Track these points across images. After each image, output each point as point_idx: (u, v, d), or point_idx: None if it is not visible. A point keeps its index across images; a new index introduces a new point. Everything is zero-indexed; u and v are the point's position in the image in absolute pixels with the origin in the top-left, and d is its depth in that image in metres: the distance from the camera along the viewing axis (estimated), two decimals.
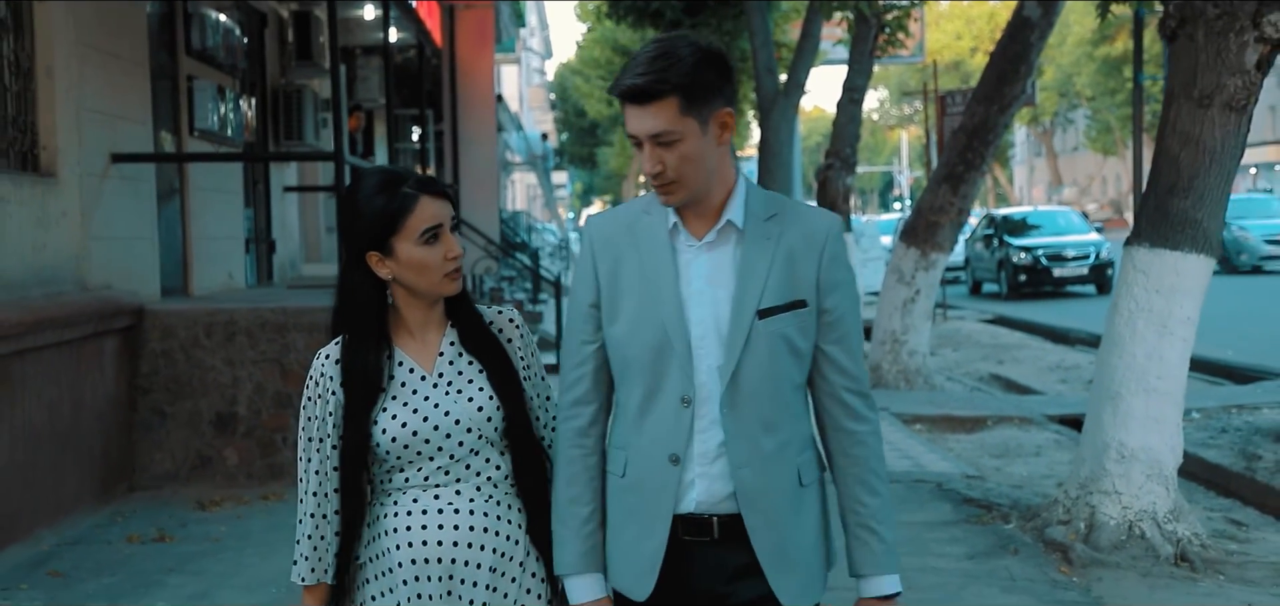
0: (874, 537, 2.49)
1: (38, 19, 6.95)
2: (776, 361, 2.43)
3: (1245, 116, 6.34)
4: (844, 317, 2.49)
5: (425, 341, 2.54)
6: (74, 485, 6.88)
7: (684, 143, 2.36)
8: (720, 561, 2.46)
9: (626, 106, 2.38)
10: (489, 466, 2.52)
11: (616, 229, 2.52)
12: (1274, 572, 5.96)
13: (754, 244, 2.44)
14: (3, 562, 5.97)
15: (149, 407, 7.75)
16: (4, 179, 6.45)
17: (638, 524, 2.48)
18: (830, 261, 2.47)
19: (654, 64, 2.34)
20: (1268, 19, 6.16)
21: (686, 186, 2.40)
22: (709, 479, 2.44)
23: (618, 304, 2.48)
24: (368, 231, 2.45)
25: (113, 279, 7.70)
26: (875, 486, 2.50)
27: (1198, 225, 6.35)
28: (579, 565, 2.50)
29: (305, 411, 2.54)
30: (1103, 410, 6.42)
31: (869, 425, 2.52)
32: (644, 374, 2.45)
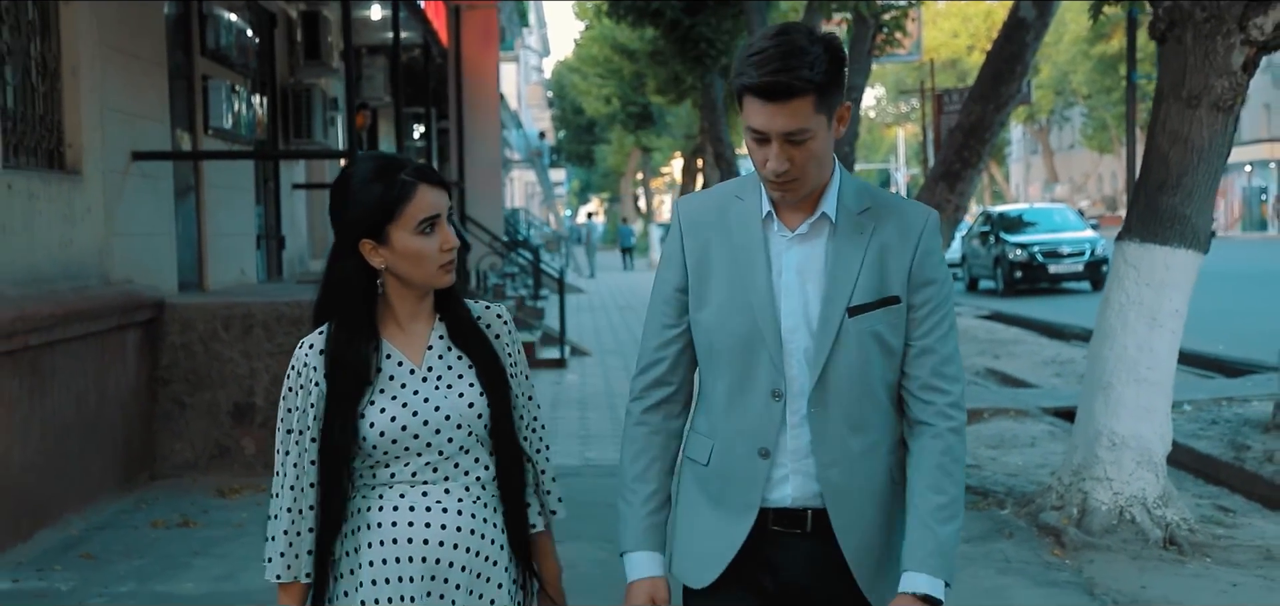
0: (928, 533, 2.36)
1: (63, 21, 7.16)
2: (867, 359, 2.38)
3: (1232, 116, 6.57)
4: (936, 311, 2.41)
5: (414, 333, 2.46)
6: (99, 473, 7.10)
7: (814, 140, 2.29)
8: (810, 555, 2.41)
9: (753, 101, 2.28)
10: (478, 466, 2.45)
11: (707, 212, 2.46)
12: (1259, 556, 6.19)
13: (846, 238, 2.38)
14: (36, 546, 6.19)
15: (169, 398, 7.98)
16: (34, 176, 6.67)
17: (722, 512, 2.44)
18: (924, 256, 2.40)
19: (789, 60, 2.24)
20: (1253, 22, 6.39)
21: (807, 183, 2.34)
22: (802, 475, 2.40)
23: (706, 288, 2.43)
24: (363, 219, 2.35)
25: (134, 273, 7.92)
26: (945, 486, 2.39)
27: (1187, 221, 6.58)
28: (640, 542, 2.46)
29: (285, 401, 2.44)
30: (1094, 400, 6.65)
31: (950, 421, 2.41)
32: (732, 363, 2.41)
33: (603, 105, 39.75)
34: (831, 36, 2.32)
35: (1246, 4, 6.40)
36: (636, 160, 51.89)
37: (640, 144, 43.83)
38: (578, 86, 43.42)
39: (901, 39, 16.32)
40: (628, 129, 41.17)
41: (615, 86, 36.29)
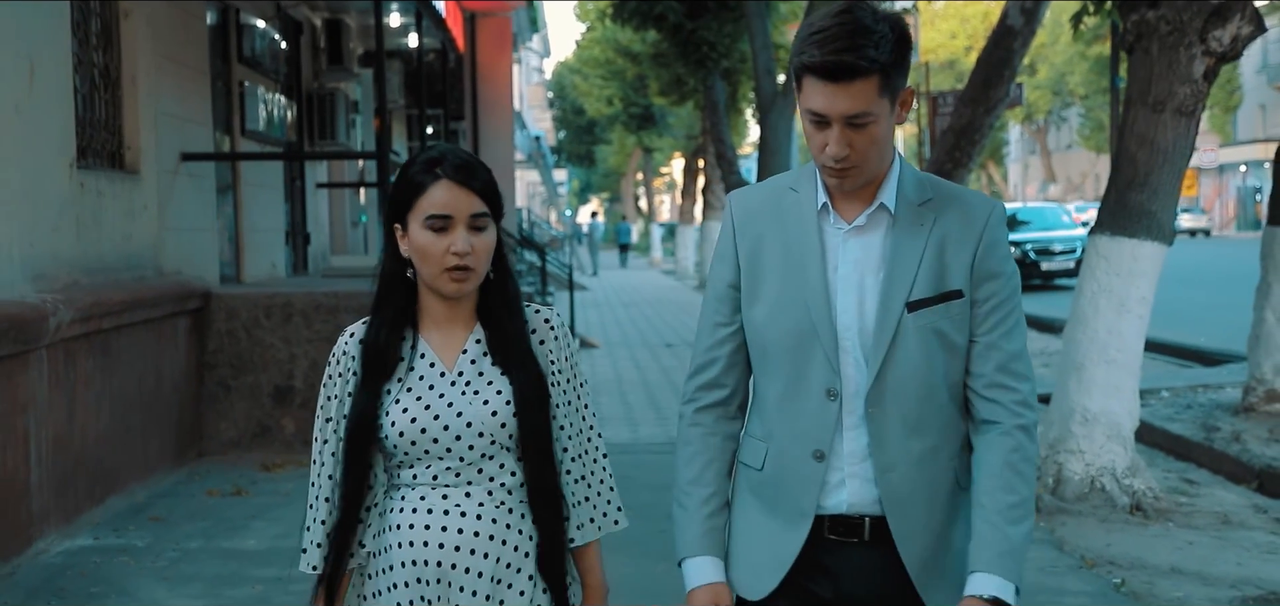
0: (996, 534, 2.23)
1: (124, 33, 7.79)
2: (929, 357, 2.26)
3: (1194, 120, 7.21)
4: (1002, 306, 2.29)
5: (449, 335, 2.39)
6: (157, 448, 7.73)
7: (877, 124, 2.19)
8: (869, 563, 2.30)
9: (815, 82, 2.18)
10: (502, 472, 2.36)
11: (761, 204, 2.37)
12: (1216, 519, 6.83)
13: (906, 230, 2.28)
14: (108, 510, 6.83)
15: (215, 381, 8.61)
16: (101, 176, 7.30)
17: (777, 519, 2.33)
18: (988, 248, 2.28)
19: (855, 39, 2.14)
20: (1212, 35, 7.03)
21: (866, 170, 2.24)
22: (860, 479, 2.29)
23: (759, 285, 2.33)
24: (394, 203, 2.35)
25: (182, 266, 8.55)
26: (1016, 485, 2.26)
27: (1153, 216, 7.22)
28: (699, 547, 2.35)
29: (325, 389, 2.42)
30: (1068, 379, 7.30)
31: (1020, 419, 2.29)
32: (786, 362, 2.31)
33: (604, 106, 40.12)
34: (898, 16, 2.22)
35: (1207, 18, 7.04)
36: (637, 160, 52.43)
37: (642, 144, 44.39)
38: (579, 87, 43.87)
39: None
40: (629, 129, 41.62)
41: (617, 88, 36.78)
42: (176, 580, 5.65)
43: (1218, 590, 5.55)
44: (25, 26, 6.27)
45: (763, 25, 16.24)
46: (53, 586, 5.54)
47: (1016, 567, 2.23)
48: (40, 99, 6.40)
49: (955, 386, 2.31)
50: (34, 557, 5.91)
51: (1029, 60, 56.22)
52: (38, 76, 6.37)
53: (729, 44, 20.71)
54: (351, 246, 15.07)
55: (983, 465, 2.28)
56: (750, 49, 16.59)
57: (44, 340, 6.03)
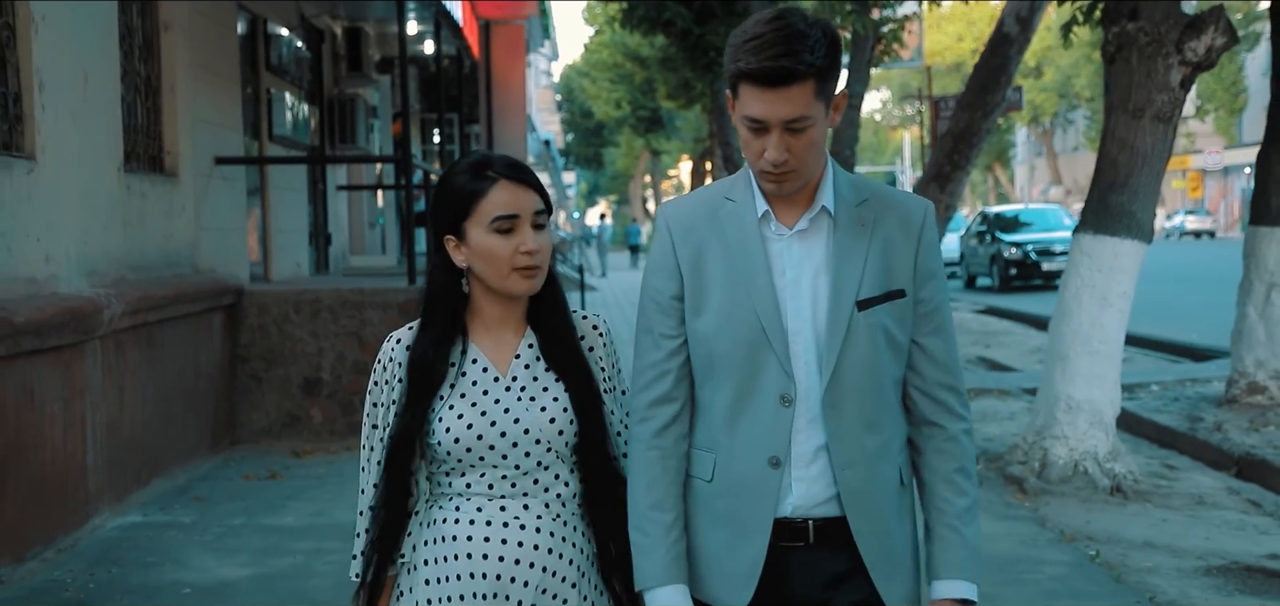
0: (956, 538, 2.32)
1: (164, 45, 8.27)
2: (877, 355, 2.29)
3: (1171, 126, 7.66)
4: (939, 308, 2.35)
5: (501, 340, 2.38)
6: (195, 435, 8.21)
7: (814, 127, 2.21)
8: (817, 566, 2.31)
9: (752, 88, 2.19)
10: (557, 483, 2.35)
11: (697, 214, 2.35)
12: (1192, 501, 7.28)
13: (848, 231, 2.30)
14: (153, 490, 7.31)
15: (247, 373, 9.09)
16: (144, 179, 7.78)
17: (731, 530, 2.32)
18: (927, 249, 2.34)
19: (790, 45, 2.16)
20: (1188, 45, 7.48)
21: (804, 174, 2.26)
22: (806, 482, 2.30)
23: (703, 295, 2.31)
24: (446, 213, 2.32)
25: (216, 264, 9.03)
26: (963, 487, 2.34)
27: (1133, 216, 7.67)
28: (663, 576, 2.31)
29: (371, 396, 2.41)
30: (1054, 369, 7.75)
31: (963, 423, 2.37)
32: (735, 371, 2.29)
33: (612, 109, 40.48)
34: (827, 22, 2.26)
35: (1183, 29, 7.50)
36: (645, 163, 52.90)
37: (650, 147, 44.84)
38: (587, 90, 44.25)
39: (899, 50, 17.36)
40: (637, 132, 42.01)
41: (625, 91, 37.18)
42: (223, 551, 6.12)
43: (1185, 561, 6.00)
44: (80, 41, 6.74)
45: None
46: (111, 557, 6.02)
47: (977, 568, 2.33)
48: (93, 107, 6.88)
49: (898, 383, 2.35)
50: (91, 532, 6.39)
51: (1035, 63, 56.61)
52: (90, 86, 6.85)
53: None
54: (369, 247, 15.57)
55: (934, 470, 2.35)
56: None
57: (98, 331, 6.51)
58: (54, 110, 6.37)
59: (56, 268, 6.35)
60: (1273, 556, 6.05)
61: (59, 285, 6.33)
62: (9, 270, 5.87)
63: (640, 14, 21.02)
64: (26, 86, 6.15)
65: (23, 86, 6.15)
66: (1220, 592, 5.51)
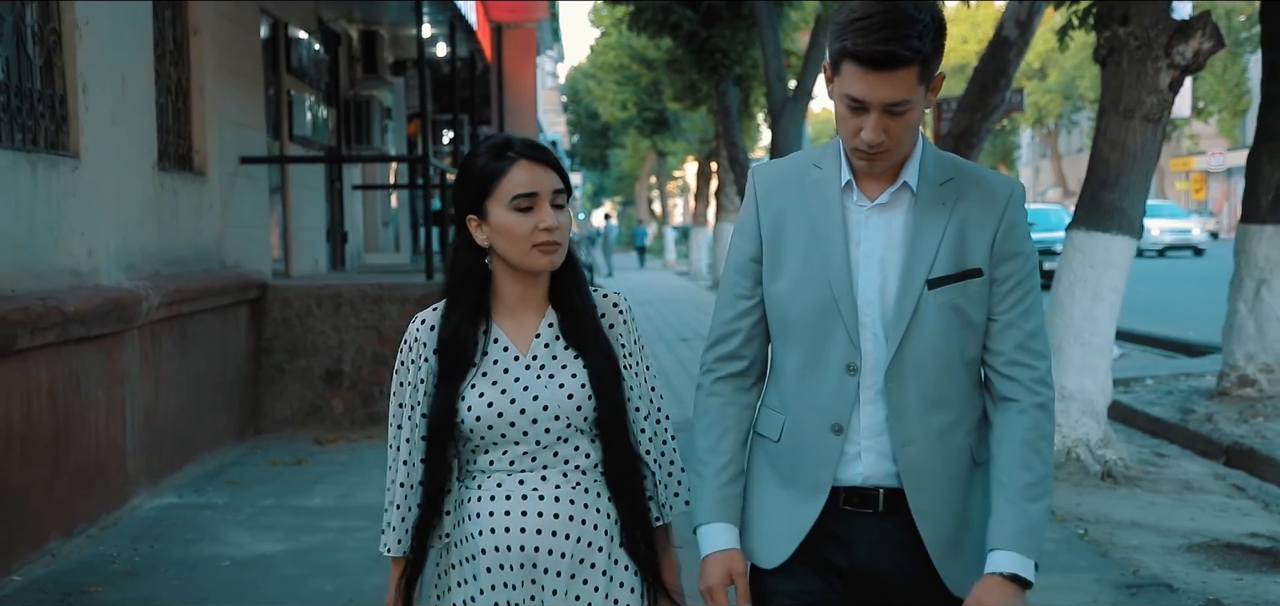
0: (1015, 512, 2.28)
1: (193, 48, 8.62)
2: (948, 334, 2.30)
3: (1160, 127, 7.98)
4: (1021, 285, 2.34)
5: (522, 320, 2.42)
6: (223, 423, 8.56)
7: (913, 111, 2.24)
8: (885, 535, 2.34)
9: (855, 68, 2.21)
10: (578, 454, 2.41)
11: (784, 180, 2.40)
12: (1179, 485, 7.60)
13: (927, 208, 2.32)
14: (186, 475, 7.65)
15: (271, 365, 9.43)
16: (176, 177, 8.12)
17: (793, 490, 2.38)
18: (1009, 228, 2.32)
19: (899, 28, 2.18)
20: (1176, 49, 7.80)
21: (898, 154, 2.30)
22: (875, 452, 2.33)
23: (781, 259, 2.36)
24: (467, 193, 2.38)
25: (241, 259, 9.37)
26: (1033, 464, 2.30)
27: (1123, 213, 7.99)
28: (712, 514, 2.39)
29: (398, 375, 2.46)
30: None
31: (1038, 398, 2.33)
32: (806, 336, 2.34)
33: (619, 110, 40.66)
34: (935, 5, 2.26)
35: (1171, 34, 7.82)
36: (651, 164, 53.12)
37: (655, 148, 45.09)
38: (594, 92, 44.49)
39: None
40: (643, 133, 42.20)
41: (632, 92, 37.42)
42: (257, 529, 6.46)
43: (1170, 539, 6.32)
44: (119, 45, 7.09)
45: (774, 33, 17.04)
46: (152, 533, 6.36)
47: (1035, 544, 2.27)
48: (130, 109, 7.22)
49: (972, 362, 2.35)
50: (131, 512, 6.74)
51: (1040, 65, 56.84)
52: (128, 89, 7.19)
53: (741, 51, 21.43)
54: (383, 245, 15.93)
55: (1002, 443, 2.32)
56: (762, 56, 17.37)
57: (137, 322, 6.85)
58: (96, 112, 6.71)
59: (97, 261, 6.69)
60: (1252, 535, 6.38)
61: (100, 277, 6.67)
62: (55, 262, 6.21)
63: (647, 17, 21.35)
64: (72, 89, 6.49)
65: (68, 89, 6.49)
66: (1200, 567, 5.83)
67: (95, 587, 5.42)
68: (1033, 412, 2.32)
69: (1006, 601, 2.23)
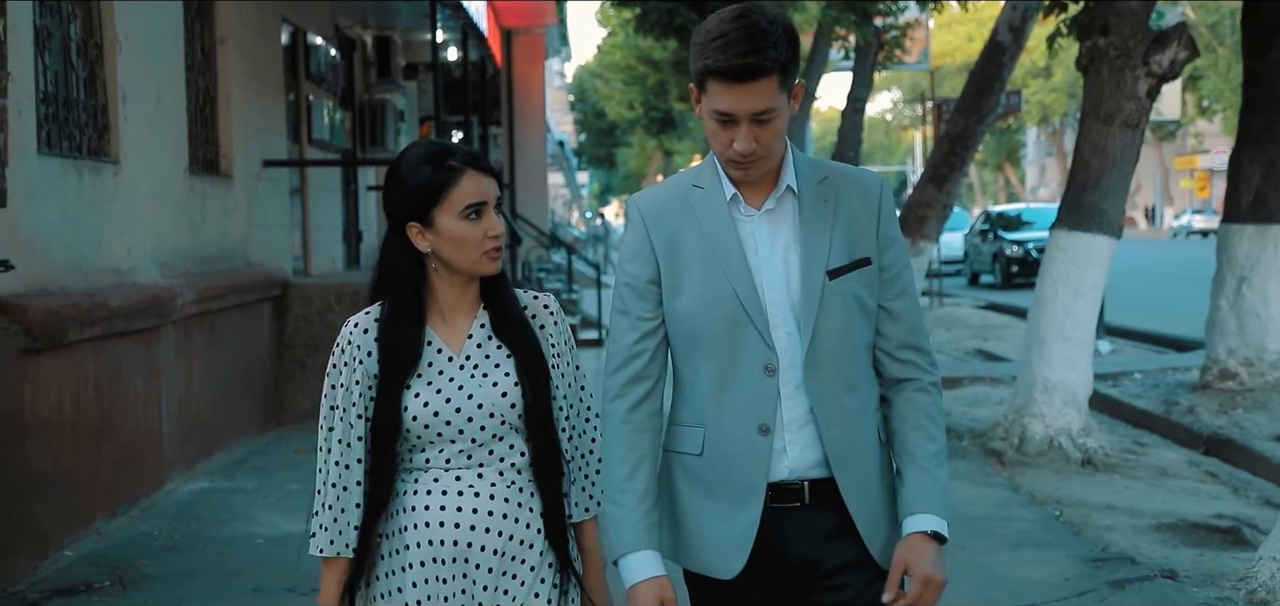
0: (926, 477, 2.44)
1: (220, 57, 9.07)
2: (850, 321, 2.42)
3: (1139, 132, 8.41)
4: (902, 272, 2.49)
5: (455, 323, 2.49)
6: (248, 414, 9.01)
7: (778, 118, 2.35)
8: (812, 525, 2.44)
9: (720, 84, 2.31)
10: (512, 453, 2.47)
11: (668, 203, 2.49)
12: (1156, 472, 8.02)
13: (812, 207, 2.44)
14: (216, 462, 8.10)
15: (292, 359, 9.88)
16: (204, 181, 8.58)
17: (725, 499, 2.44)
18: (886, 218, 2.47)
19: (754, 41, 2.29)
20: (1153, 58, 8.22)
21: (770, 161, 2.40)
22: (800, 445, 2.42)
23: (680, 277, 2.44)
24: (410, 202, 2.41)
25: (264, 258, 9.82)
26: (932, 432, 2.47)
27: (1104, 214, 8.41)
28: (636, 542, 2.43)
29: (330, 378, 2.49)
30: (1032, 354, 8.50)
31: (930, 376, 2.50)
32: (718, 346, 2.42)
33: (625, 110, 41.00)
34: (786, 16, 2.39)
35: (1149, 44, 8.24)
36: (658, 163, 53.54)
37: (662, 147, 45.52)
38: (600, 91, 44.83)
39: (901, 55, 18.09)
40: (650, 133, 42.59)
41: (638, 93, 37.79)
42: (286, 511, 6.91)
43: (1141, 520, 6.74)
44: (153, 57, 7.54)
45: None
46: (189, 514, 6.81)
47: (947, 506, 2.45)
48: (164, 116, 7.67)
49: (869, 347, 2.49)
50: (167, 495, 7.19)
51: (1044, 64, 57.16)
52: (162, 98, 7.64)
53: None
54: None
55: (906, 419, 2.48)
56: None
57: (172, 317, 7.30)
58: (134, 120, 7.16)
59: (135, 260, 7.14)
60: (1218, 516, 6.79)
61: (138, 275, 7.12)
62: (99, 262, 6.66)
63: (653, 19, 21.77)
64: (112, 99, 6.94)
65: (109, 99, 6.94)
66: (1166, 544, 6.26)
67: (141, 562, 5.87)
68: (930, 390, 2.50)
69: (931, 555, 2.38)
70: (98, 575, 5.64)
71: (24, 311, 5.54)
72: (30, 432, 5.66)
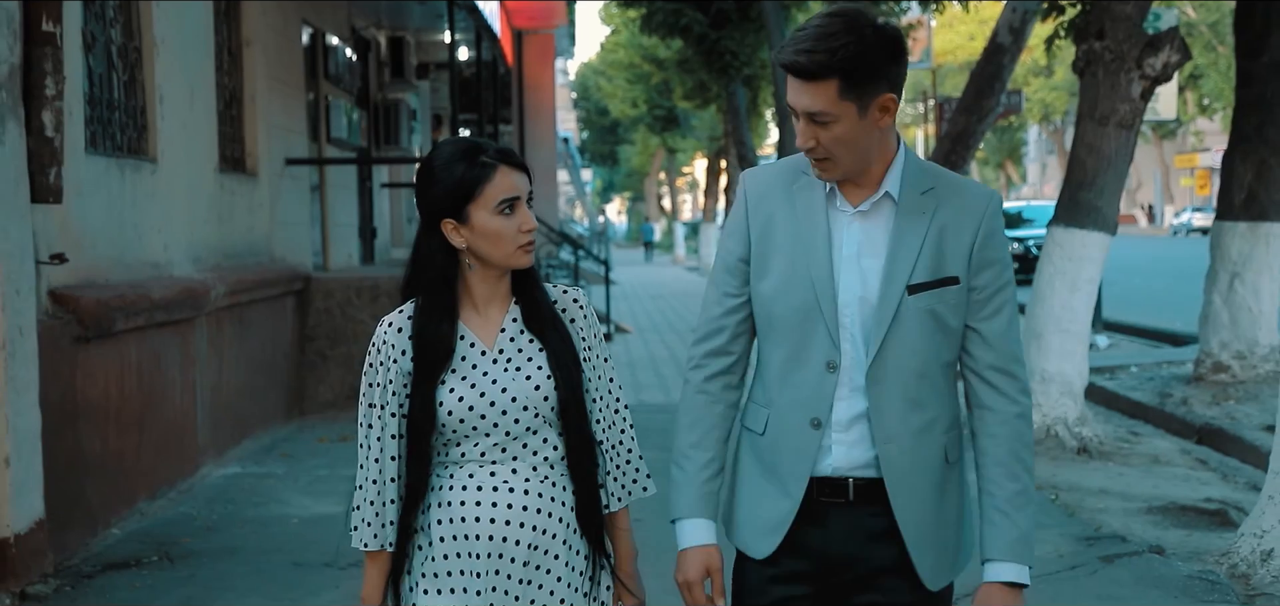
0: (1008, 523, 2.40)
1: (245, 59, 9.39)
2: (926, 338, 2.39)
3: (1133, 132, 8.72)
4: (997, 294, 2.42)
5: (488, 317, 2.52)
6: (273, 404, 9.33)
7: (838, 124, 2.31)
8: (856, 523, 2.44)
9: (789, 76, 2.33)
10: (546, 446, 2.50)
11: (773, 185, 2.49)
12: (1149, 460, 8.34)
13: (908, 217, 2.41)
14: (245, 449, 8.43)
15: (314, 351, 10.20)
16: (232, 179, 8.90)
17: (774, 482, 2.46)
18: (986, 238, 2.41)
19: (820, 42, 2.27)
20: (1147, 62, 8.53)
21: (840, 165, 2.37)
22: (846, 445, 2.42)
23: (768, 260, 2.45)
24: (445, 198, 2.44)
25: (287, 254, 10.14)
26: (1016, 472, 2.42)
27: (1099, 211, 8.73)
28: (693, 509, 2.47)
29: (367, 377, 2.53)
30: (1029, 345, 8.81)
31: (1017, 407, 2.44)
32: (789, 334, 2.43)
33: (629, 108, 41.14)
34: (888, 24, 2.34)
35: (1143, 48, 8.55)
36: (661, 160, 53.78)
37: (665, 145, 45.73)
38: (604, 89, 45.03)
39: None
40: (653, 131, 42.73)
41: (642, 91, 38.00)
42: (316, 494, 7.23)
43: (1133, 503, 7.06)
44: (187, 60, 7.86)
45: (782, 35, 17.74)
46: (223, 497, 7.14)
47: (1028, 552, 2.41)
48: (196, 117, 8.00)
49: (949, 366, 2.44)
50: (201, 479, 7.52)
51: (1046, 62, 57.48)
52: (195, 99, 7.96)
53: (750, 52, 22.10)
54: (408, 240, 16.72)
55: (988, 454, 2.43)
56: (770, 57, 18.11)
57: (205, 309, 7.62)
58: (170, 120, 7.48)
59: (171, 255, 7.46)
60: (1207, 500, 7.12)
61: (174, 269, 7.44)
62: (139, 256, 6.98)
63: (658, 19, 22.07)
64: (150, 100, 7.27)
65: (147, 100, 7.27)
66: (1157, 525, 6.58)
67: (184, 539, 6.20)
68: (1015, 422, 2.43)
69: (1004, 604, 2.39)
70: (145, 551, 5.96)
71: (76, 302, 5.86)
72: (81, 417, 5.99)
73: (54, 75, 5.44)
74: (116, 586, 5.47)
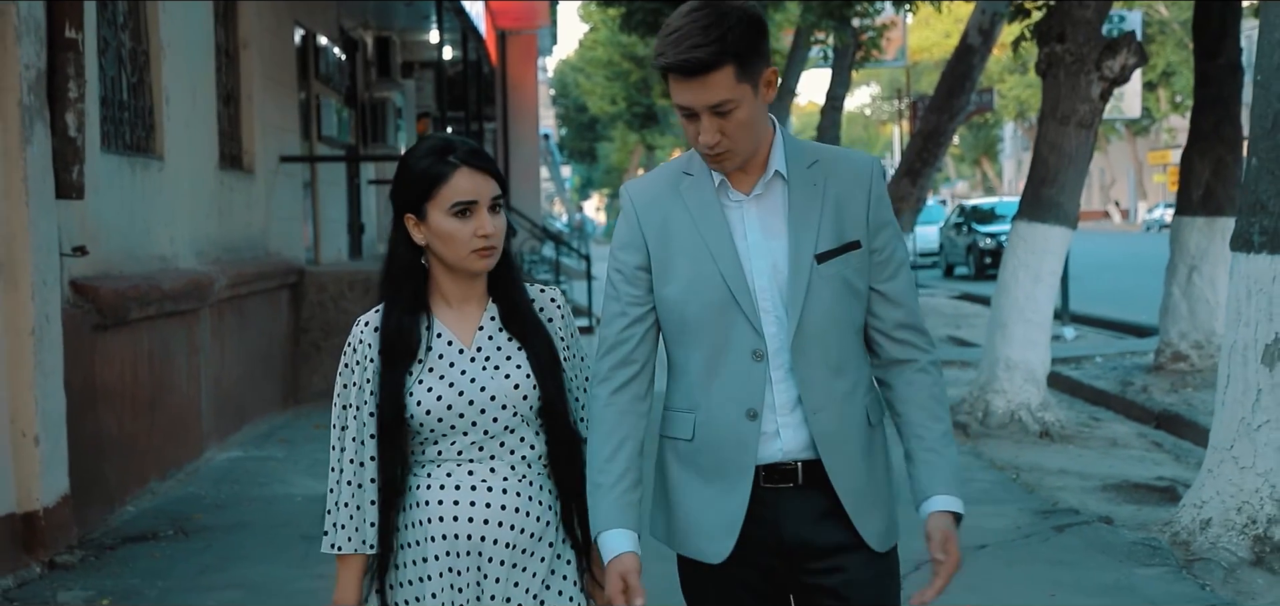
0: (940, 459, 2.46)
1: (243, 60, 9.75)
2: (839, 304, 2.43)
3: (1092, 131, 9.16)
4: (895, 254, 2.48)
5: (465, 314, 2.50)
6: (269, 393, 9.69)
7: (741, 109, 2.33)
8: (805, 506, 2.44)
9: (676, 79, 2.32)
10: (523, 445, 2.49)
11: (659, 191, 2.49)
12: (1108, 443, 8.78)
13: (801, 191, 2.43)
14: (245, 435, 8.80)
15: (308, 343, 10.56)
16: (231, 175, 9.26)
17: (715, 484, 2.45)
18: (877, 200, 2.47)
19: (708, 33, 2.29)
20: (1105, 64, 8.97)
21: (740, 153, 2.39)
22: (792, 428, 2.43)
23: (670, 265, 2.45)
24: (408, 193, 2.44)
25: (282, 248, 10.49)
26: (939, 413, 2.49)
27: (1060, 207, 9.17)
28: (612, 520, 2.43)
29: (341, 378, 2.53)
30: (995, 335, 9.26)
31: (929, 356, 2.51)
32: (707, 332, 2.43)
33: (607, 104, 41.38)
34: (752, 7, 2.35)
35: (1102, 51, 8.99)
36: (639, 157, 54.12)
37: (644, 142, 46.09)
38: (582, 85, 45.26)
39: (878, 54, 18.85)
40: (632, 127, 43.06)
41: (621, 88, 38.32)
42: (316, 476, 7.60)
43: (1089, 482, 7.50)
44: (190, 61, 8.22)
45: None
46: (228, 478, 7.51)
47: (961, 485, 2.49)
48: (198, 117, 8.35)
49: (861, 330, 2.49)
50: (206, 462, 7.88)
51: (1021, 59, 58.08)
52: (197, 99, 8.32)
53: None
54: None
55: (910, 401, 2.49)
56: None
57: (209, 300, 7.98)
58: (174, 120, 7.84)
59: (176, 249, 7.82)
60: (1159, 478, 7.56)
61: (179, 262, 7.80)
62: (148, 249, 7.34)
63: (637, 19, 22.43)
64: (157, 101, 7.63)
65: (154, 101, 7.62)
66: (1110, 501, 7.01)
67: (197, 516, 6.57)
68: (931, 370, 2.51)
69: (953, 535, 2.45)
70: (161, 526, 6.33)
71: (96, 292, 6.23)
72: (99, 400, 6.35)
73: (76, 79, 5.80)
74: (137, 557, 5.84)
